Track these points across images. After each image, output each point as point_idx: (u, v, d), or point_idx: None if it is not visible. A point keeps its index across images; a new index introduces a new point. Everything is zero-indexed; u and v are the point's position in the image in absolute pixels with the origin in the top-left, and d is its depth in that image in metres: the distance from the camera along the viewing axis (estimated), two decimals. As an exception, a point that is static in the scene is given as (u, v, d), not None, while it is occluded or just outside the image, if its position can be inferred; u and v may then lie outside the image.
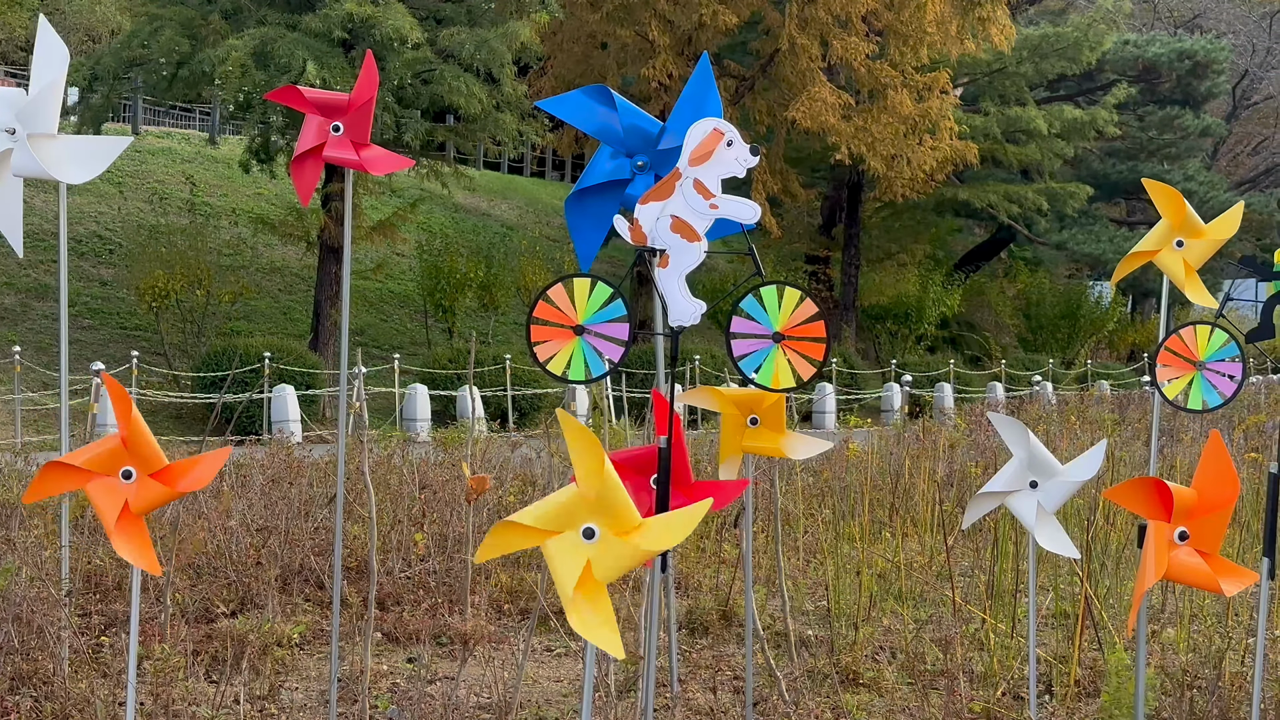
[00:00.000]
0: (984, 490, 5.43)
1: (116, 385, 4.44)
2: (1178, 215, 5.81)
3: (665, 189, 4.18)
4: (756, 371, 4.26)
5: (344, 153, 5.37)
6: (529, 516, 3.64)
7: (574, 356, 4.19)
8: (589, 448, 3.59)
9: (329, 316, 25.62)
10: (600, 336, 4.20)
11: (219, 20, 23.24)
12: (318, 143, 5.36)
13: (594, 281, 4.20)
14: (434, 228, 34.60)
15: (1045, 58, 34.92)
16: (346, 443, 6.57)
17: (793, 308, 4.27)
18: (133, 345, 24.39)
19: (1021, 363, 37.15)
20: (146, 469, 4.33)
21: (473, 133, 26.32)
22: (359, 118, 5.43)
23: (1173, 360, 5.53)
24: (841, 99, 28.72)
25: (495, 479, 10.62)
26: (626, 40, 28.48)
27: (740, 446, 5.54)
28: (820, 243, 37.59)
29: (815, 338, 4.28)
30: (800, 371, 4.26)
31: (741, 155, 4.12)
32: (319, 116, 5.41)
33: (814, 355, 4.26)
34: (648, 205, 4.17)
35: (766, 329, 4.24)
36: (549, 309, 4.20)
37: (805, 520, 10.98)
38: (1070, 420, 15.75)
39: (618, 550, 3.50)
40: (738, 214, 4.17)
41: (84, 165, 6.13)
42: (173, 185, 32.48)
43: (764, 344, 4.28)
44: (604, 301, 4.19)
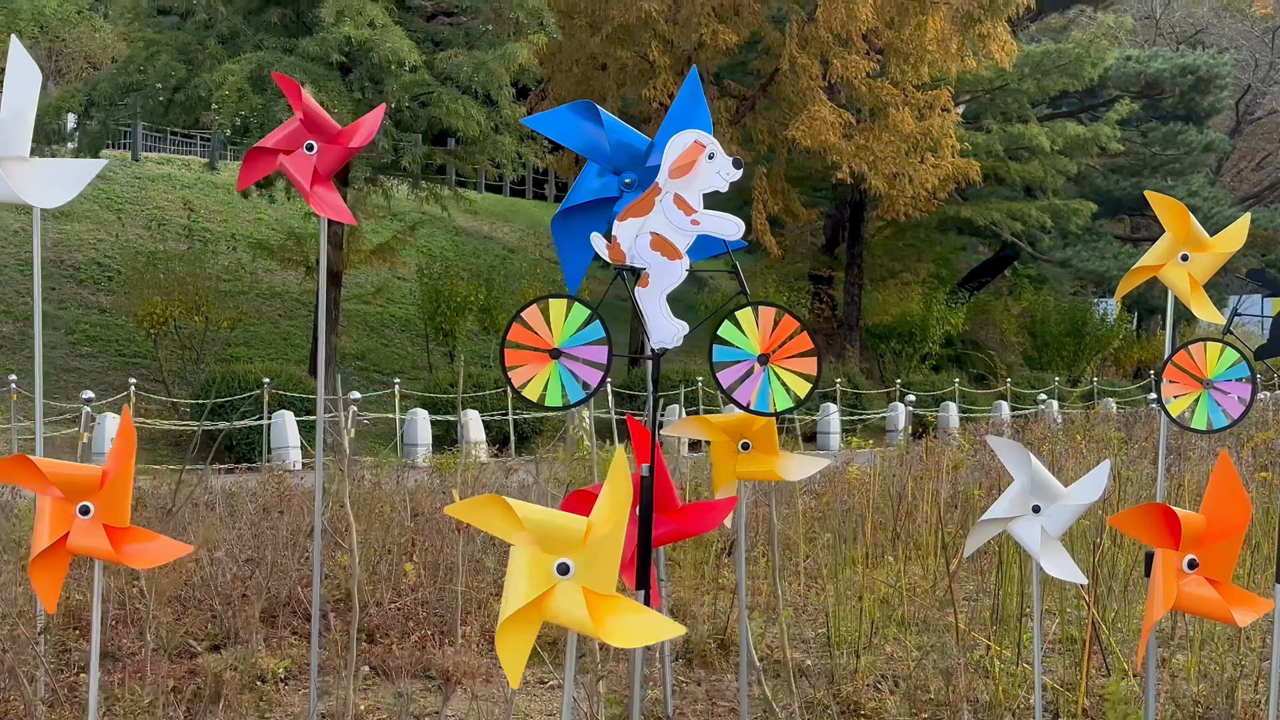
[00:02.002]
0: (986, 517, 5.23)
1: (129, 425, 4.24)
2: (1182, 228, 5.62)
3: (644, 205, 4.00)
4: (752, 398, 4.06)
5: (301, 173, 5.20)
6: (525, 510, 3.50)
7: (550, 381, 4.00)
8: (624, 495, 3.44)
9: (329, 342, 25.45)
10: (577, 360, 4.00)
11: (215, 45, 23.13)
12: (288, 147, 5.19)
13: (571, 302, 4.01)
14: (434, 251, 34.44)
15: (1047, 74, 34.76)
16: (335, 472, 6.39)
17: (771, 326, 4.07)
18: (132, 373, 24.22)
19: (1027, 381, 36.90)
20: (107, 516, 4.13)
21: (472, 155, 26.18)
22: (336, 155, 5.27)
23: (1180, 377, 5.33)
24: (842, 118, 28.57)
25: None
26: (626, 61, 28.35)
27: (734, 473, 5.35)
28: (823, 262, 37.40)
29: (803, 353, 4.09)
30: (795, 390, 4.06)
31: (724, 168, 3.93)
32: (301, 127, 5.24)
33: (807, 370, 4.06)
34: (626, 222, 3.98)
35: (748, 353, 4.05)
36: (524, 332, 4.01)
37: (806, 545, 10.76)
38: (1076, 439, 15.52)
39: (576, 605, 3.33)
40: (721, 230, 3.97)
41: (56, 189, 5.97)
42: (172, 211, 32.37)
43: (750, 367, 4.08)
44: (581, 323, 4.00)
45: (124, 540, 4.12)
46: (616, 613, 3.32)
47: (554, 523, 3.49)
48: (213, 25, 23.56)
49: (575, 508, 4.34)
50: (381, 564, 8.59)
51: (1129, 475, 12.95)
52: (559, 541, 3.42)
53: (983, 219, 36.68)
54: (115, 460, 4.14)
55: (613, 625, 3.30)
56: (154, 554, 4.14)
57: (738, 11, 27.89)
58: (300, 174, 5.20)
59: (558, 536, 3.44)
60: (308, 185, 5.17)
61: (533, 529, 3.50)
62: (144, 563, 4.13)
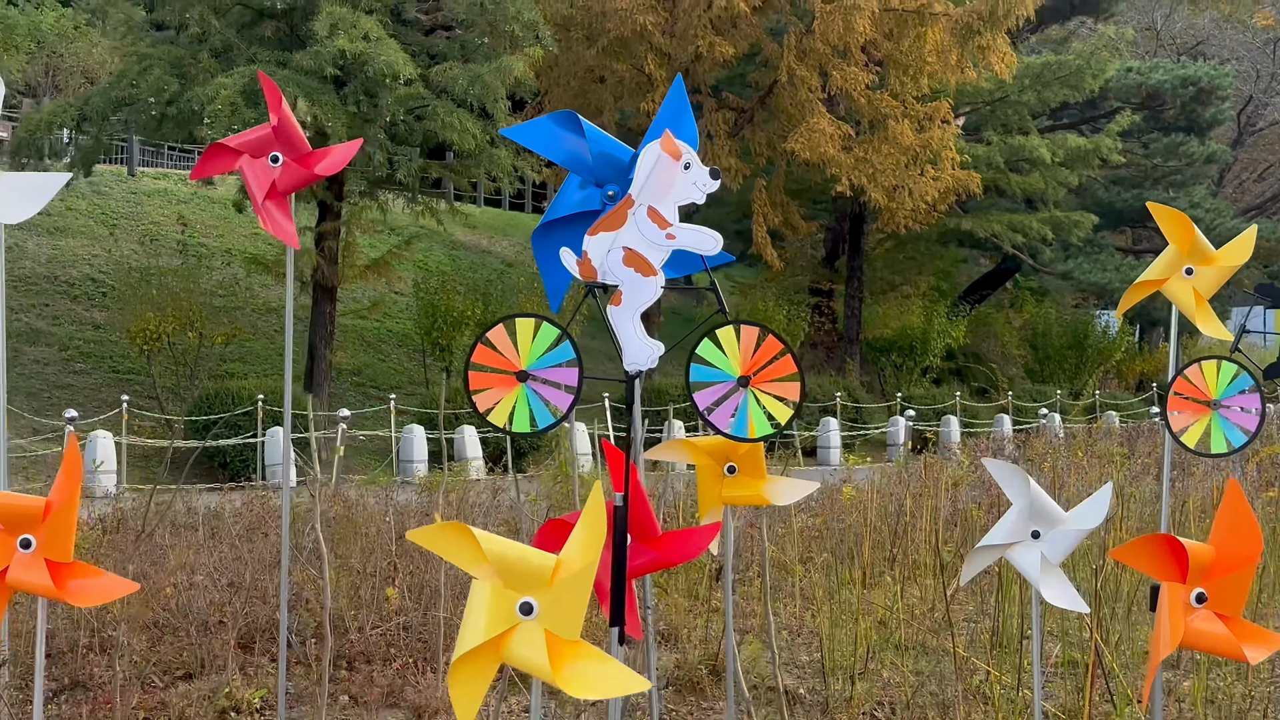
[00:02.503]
0: (983, 543, 5.00)
1: (75, 456, 4.01)
2: (1186, 241, 5.39)
3: (616, 218, 3.76)
4: (731, 421, 3.82)
5: (259, 182, 4.98)
6: (489, 542, 3.28)
7: (518, 405, 3.77)
8: (598, 533, 3.22)
9: (324, 358, 25.26)
10: (546, 383, 3.77)
11: (208, 59, 22.95)
12: (252, 151, 4.97)
13: (539, 322, 3.78)
14: (431, 265, 34.24)
15: (1048, 86, 34.54)
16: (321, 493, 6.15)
17: (754, 347, 3.82)
18: (125, 389, 24.02)
19: (1029, 394, 36.65)
20: (49, 551, 3.89)
21: (468, 169, 25.98)
22: (299, 175, 5.05)
23: (1184, 405, 5.09)
24: (841, 130, 28.36)
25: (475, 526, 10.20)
26: (623, 74, 28.17)
27: (720, 498, 5.12)
28: (823, 275, 37.17)
29: (786, 376, 3.85)
30: (776, 415, 3.82)
31: (700, 179, 3.69)
32: (272, 135, 5.03)
33: (788, 395, 3.82)
34: (597, 236, 3.75)
35: (728, 374, 3.81)
36: (489, 353, 3.78)
37: (800, 565, 10.52)
38: (1077, 455, 15.28)
39: (536, 648, 3.10)
40: (697, 245, 3.74)
41: (18, 203, 5.75)
42: (167, 226, 32.18)
43: (729, 389, 3.84)
44: (550, 344, 3.77)
45: (67, 576, 3.88)
46: (578, 659, 3.09)
47: (520, 558, 3.27)
48: (206, 39, 23.37)
49: (550, 539, 4.11)
50: (364, 587, 8.36)
51: (1132, 492, 12.72)
52: (524, 578, 3.20)
53: (984, 231, 36.44)
54: (59, 492, 3.91)
55: (573, 673, 3.07)
56: (98, 591, 3.89)
57: (735, 24, 27.71)
58: (257, 183, 4.98)
59: (523, 572, 3.21)
60: (261, 197, 4.95)
61: (497, 562, 3.28)
62: (87, 600, 3.89)
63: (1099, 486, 12.08)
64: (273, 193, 4.97)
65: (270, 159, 4.98)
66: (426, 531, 3.44)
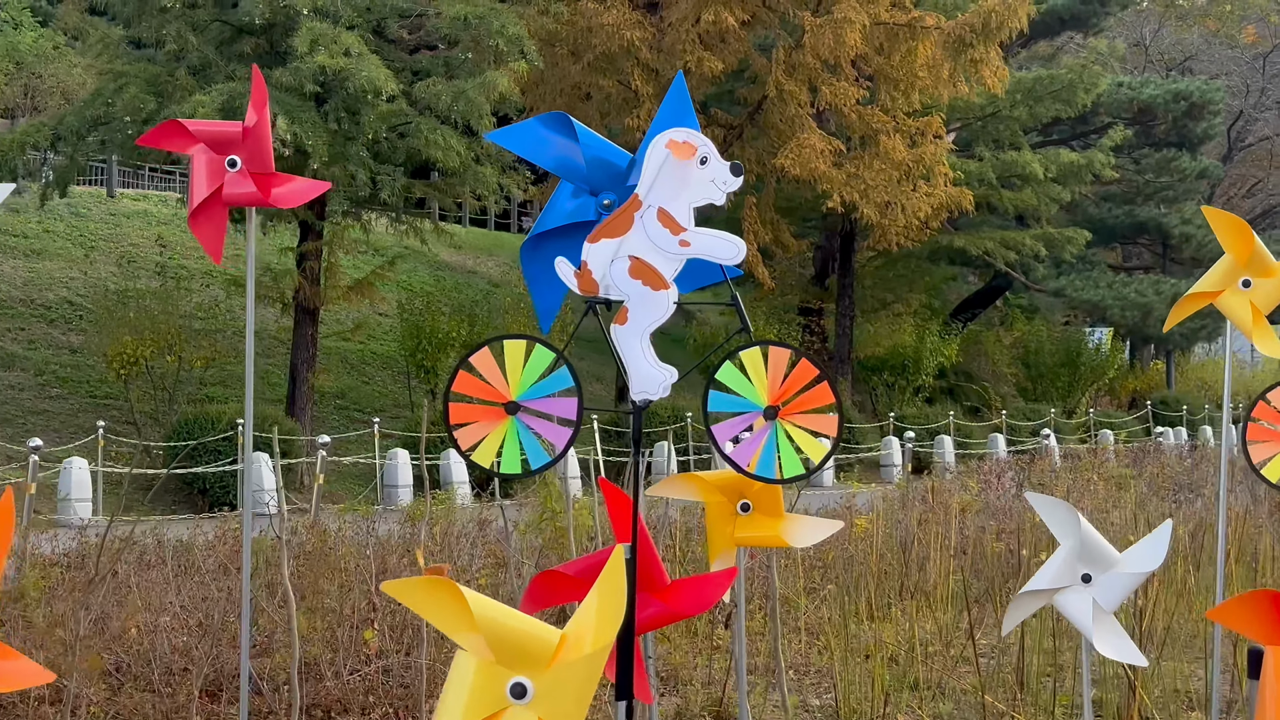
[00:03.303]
0: (1028, 588, 4.47)
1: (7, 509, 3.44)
2: (1244, 250, 4.87)
3: (621, 223, 3.22)
4: (756, 459, 3.26)
5: (246, 189, 4.43)
6: (481, 606, 2.74)
7: (506, 442, 3.21)
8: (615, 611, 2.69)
9: (306, 380, 24.70)
10: (540, 416, 3.22)
11: (186, 76, 22.42)
12: (214, 186, 4.42)
13: (531, 344, 3.23)
14: (416, 286, 33.71)
15: (1039, 100, 34.13)
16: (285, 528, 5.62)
17: (784, 373, 3.27)
18: (103, 414, 23.42)
19: (1022, 413, 36.21)
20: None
21: (452, 187, 25.49)
22: (257, 145, 4.50)
23: (1268, 435, 4.55)
24: (832, 145, 27.89)
25: (462, 560, 9.67)
26: (610, 90, 27.71)
27: (732, 539, 4.56)
28: (813, 294, 36.69)
29: (822, 407, 3.30)
30: (809, 452, 3.27)
31: (720, 175, 3.16)
32: (210, 154, 4.48)
33: (824, 429, 3.28)
34: (599, 244, 3.21)
35: (753, 403, 3.26)
36: (473, 382, 3.23)
37: (806, 598, 9.99)
38: (1091, 477, 14.78)
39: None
40: (715, 252, 3.20)
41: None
42: (146, 248, 31.59)
43: (754, 421, 3.30)
44: (545, 370, 3.22)
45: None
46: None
47: (517, 629, 2.73)
48: (183, 56, 22.85)
49: (541, 594, 3.58)
50: (341, 629, 7.80)
51: (1142, 515, 12.22)
52: (520, 654, 2.66)
53: (976, 248, 36.02)
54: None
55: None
56: (10, 676, 3.32)
57: (723, 39, 27.25)
58: (203, 180, 4.43)
59: (519, 647, 2.68)
60: (202, 196, 4.40)
61: (489, 632, 2.74)
62: (1, 686, 3.30)
63: (1112, 511, 11.54)
64: (215, 199, 4.44)
65: (228, 162, 4.45)
66: (406, 585, 2.92)
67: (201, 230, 4.47)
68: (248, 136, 4.62)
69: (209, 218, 4.44)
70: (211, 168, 4.41)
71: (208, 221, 4.44)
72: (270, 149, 4.60)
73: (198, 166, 4.42)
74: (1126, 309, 37.97)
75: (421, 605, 2.90)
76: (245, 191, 4.42)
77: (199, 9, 22.86)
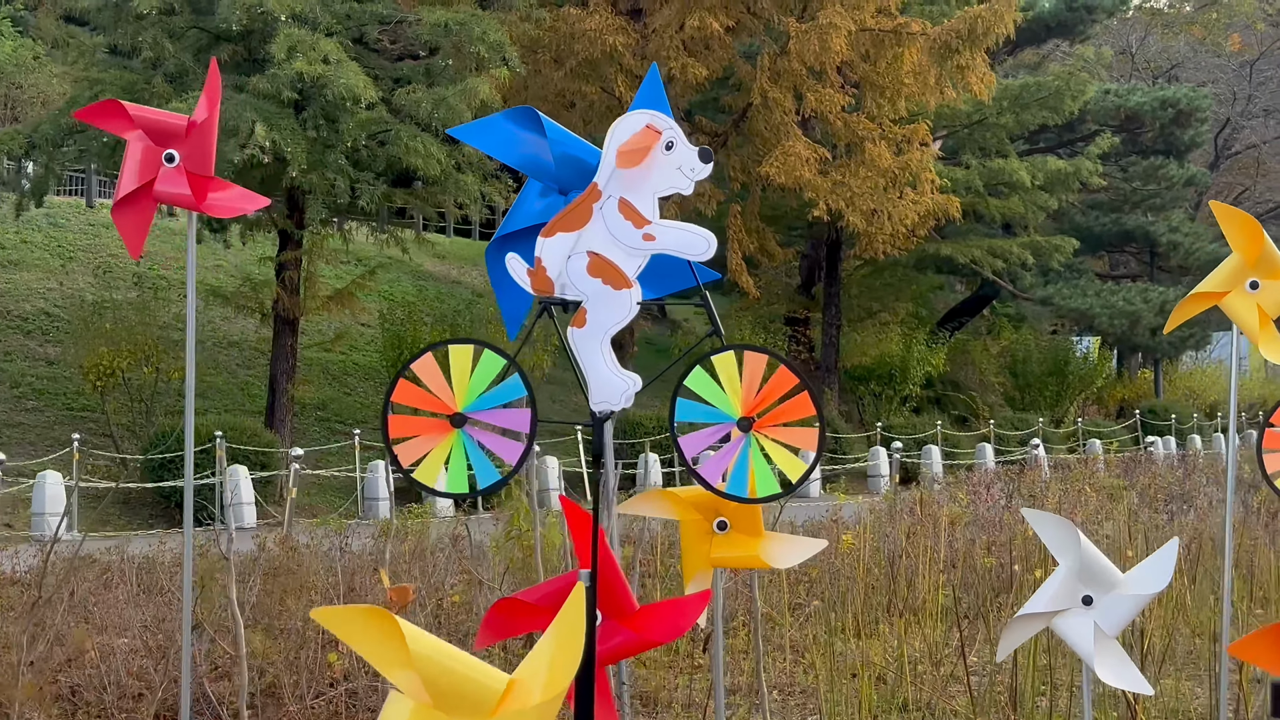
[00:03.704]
0: (1025, 610, 4.17)
1: None
2: (1252, 250, 4.58)
3: (579, 214, 2.92)
4: (724, 478, 2.95)
5: (179, 189, 4.11)
6: (419, 644, 2.44)
7: (452, 458, 2.89)
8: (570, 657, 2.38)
9: (285, 392, 24.35)
10: (490, 429, 2.91)
11: (162, 83, 22.10)
12: (146, 179, 4.10)
13: (480, 350, 2.91)
14: (397, 296, 33.40)
15: (1026, 108, 33.92)
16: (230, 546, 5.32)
17: (760, 380, 2.95)
18: (80, 427, 23.07)
19: (1010, 422, 35.96)
20: None
21: (433, 195, 25.17)
22: (200, 143, 4.19)
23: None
24: (818, 153, 27.63)
25: (436, 577, 9.36)
26: (593, 97, 27.43)
27: (708, 559, 4.24)
28: (799, 303, 36.45)
29: (801, 420, 2.99)
30: (786, 469, 2.95)
31: (687, 162, 2.85)
32: (148, 142, 4.16)
33: (803, 444, 2.97)
34: (554, 238, 2.91)
35: (726, 414, 2.95)
36: (415, 392, 2.92)
37: (791, 614, 9.69)
38: (1083, 488, 14.49)
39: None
40: (683, 247, 2.89)
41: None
42: (125, 258, 31.19)
43: (725, 433, 2.99)
44: (494, 378, 2.91)
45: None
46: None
47: (458, 672, 2.42)
48: (160, 64, 22.53)
49: (501, 624, 3.27)
50: (306, 650, 7.48)
51: (1137, 527, 11.95)
52: (458, 700, 2.36)
53: (963, 256, 35.78)
54: None
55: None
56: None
57: (708, 45, 26.99)
58: (136, 169, 4.12)
59: (458, 692, 2.37)
60: (131, 187, 4.08)
61: (425, 673, 2.42)
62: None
63: (1105, 523, 11.25)
64: (145, 192, 4.12)
65: (166, 156, 4.14)
66: (338, 614, 2.61)
67: (124, 222, 4.16)
68: (191, 132, 4.33)
69: (135, 211, 4.14)
70: (146, 158, 4.10)
71: (133, 214, 4.13)
72: (213, 149, 4.30)
73: (131, 154, 4.12)
74: (1114, 317, 37.77)
75: (354, 637, 2.59)
76: (178, 192, 4.11)
77: (176, 16, 22.54)
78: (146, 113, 4.26)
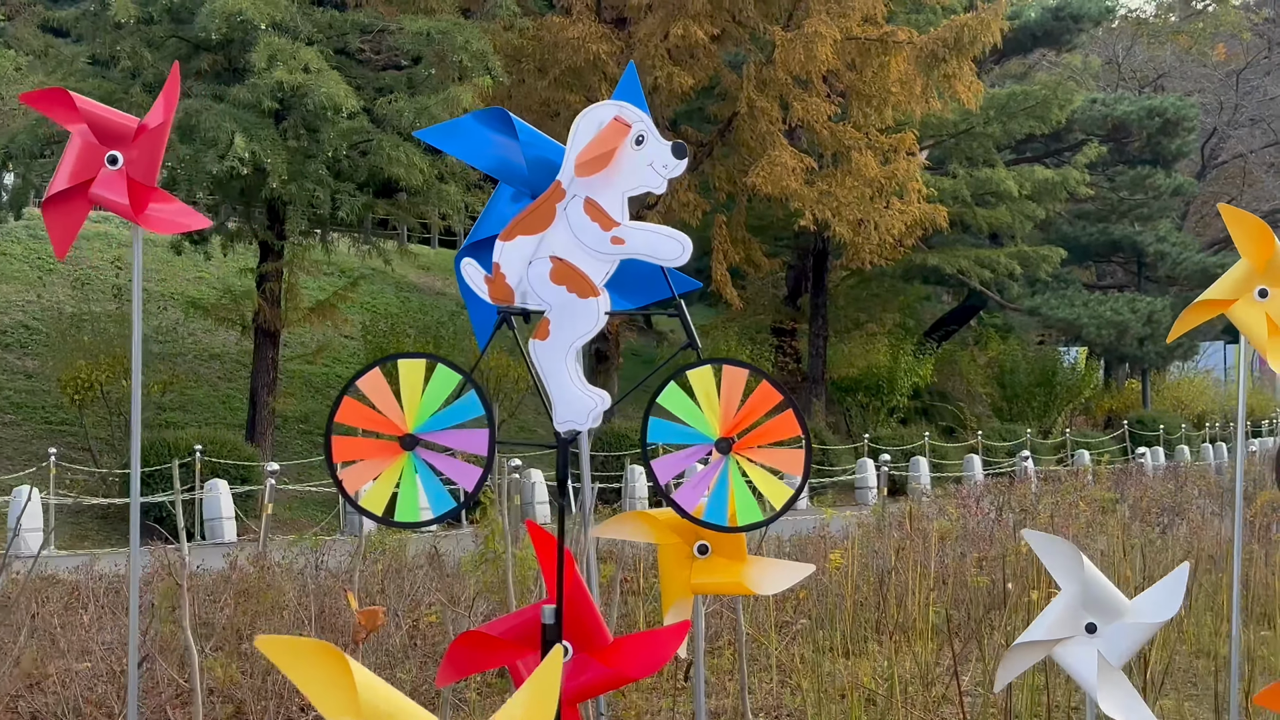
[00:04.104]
0: (1025, 638, 3.92)
1: None
2: (1262, 256, 4.34)
3: (539, 216, 2.66)
4: (704, 501, 2.69)
5: (117, 195, 3.84)
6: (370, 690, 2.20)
7: (402, 484, 2.63)
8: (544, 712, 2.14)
9: (266, 405, 24.07)
10: (443, 452, 2.65)
11: (141, 93, 21.81)
12: (83, 178, 3.84)
13: (432, 365, 2.65)
14: (380, 308, 33.13)
15: (1013, 117, 33.72)
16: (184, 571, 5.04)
17: (740, 397, 2.68)
18: (58, 441, 22.77)
19: (998, 433, 35.75)
20: None
21: (416, 206, 24.94)
22: (148, 149, 3.92)
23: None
24: (804, 163, 27.42)
25: (415, 594, 9.10)
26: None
27: (688, 585, 3.98)
28: (785, 314, 36.23)
29: (786, 440, 2.73)
30: (769, 495, 2.69)
31: (659, 157, 2.59)
32: (91, 139, 3.90)
33: (787, 467, 2.71)
34: (513, 241, 2.65)
35: (702, 434, 2.68)
36: (361, 410, 2.65)
37: (777, 632, 9.43)
38: (1074, 501, 14.26)
39: None
40: (655, 250, 2.63)
41: None
42: (105, 270, 30.92)
43: (702, 455, 2.73)
44: (449, 396, 2.65)
45: None
46: None
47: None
48: (139, 73, 22.26)
49: (464, 659, 3.01)
50: (272, 676, 7.21)
51: (1133, 542, 11.71)
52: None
53: (950, 267, 35.59)
54: None
55: None
56: None
57: (693, 54, 26.77)
58: (75, 166, 3.84)
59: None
60: (67, 184, 3.81)
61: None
62: None
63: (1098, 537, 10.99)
64: (81, 191, 3.85)
65: (109, 157, 3.87)
66: (285, 645, 2.35)
67: (54, 221, 3.90)
68: (140, 136, 4.06)
69: (67, 210, 3.88)
70: (88, 155, 3.84)
71: (65, 213, 3.87)
72: (160, 158, 4.04)
73: (72, 148, 3.86)
74: (1102, 327, 37.60)
75: (300, 673, 2.34)
76: (115, 198, 3.85)
77: (155, 25, 22.30)
78: (95, 107, 4.00)
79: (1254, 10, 54.99)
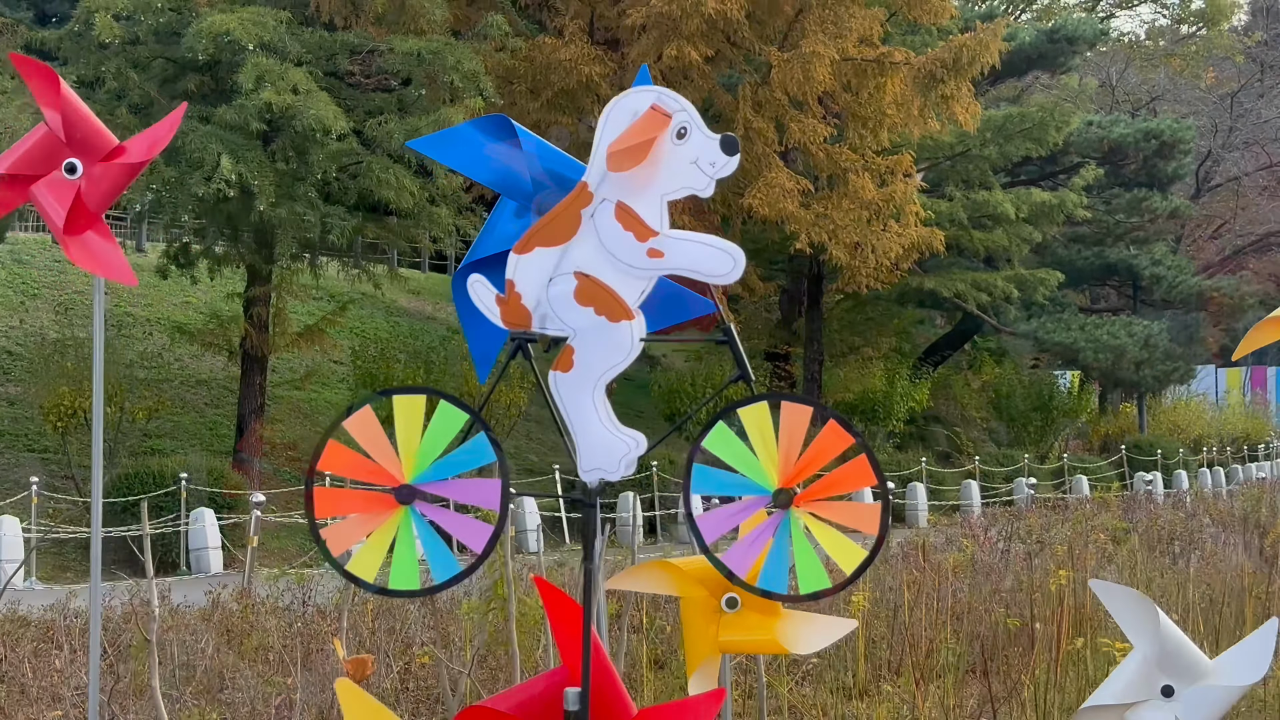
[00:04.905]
0: (1094, 702, 3.50)
1: None
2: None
3: (562, 224, 2.25)
4: (758, 564, 2.25)
5: (58, 204, 3.41)
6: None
7: (399, 542, 2.19)
8: None
9: (254, 431, 23.63)
10: (447, 506, 2.22)
11: (126, 114, 21.40)
12: (31, 170, 3.41)
13: (434, 402, 2.22)
14: (369, 333, 32.70)
15: (1010, 139, 33.40)
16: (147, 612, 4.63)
17: (802, 441, 2.24)
18: (42, 469, 22.30)
19: (995, 458, 35.37)
20: None
21: (406, 229, 24.55)
22: (113, 177, 3.49)
23: None
24: (800, 185, 27.06)
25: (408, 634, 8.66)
26: (570, 129, 26.84)
27: (715, 643, 3.53)
28: (780, 338, 35.88)
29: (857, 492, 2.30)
30: (840, 557, 2.25)
31: (705, 154, 2.19)
32: (59, 136, 3.48)
33: (861, 525, 2.27)
34: (531, 254, 2.23)
35: (758, 484, 2.24)
36: (349, 457, 2.22)
37: (787, 673, 8.99)
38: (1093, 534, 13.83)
39: None
40: (701, 265, 2.22)
41: None
42: (89, 295, 30.43)
43: (757, 509, 2.30)
44: (453, 439, 2.21)
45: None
46: None
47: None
48: (125, 94, 21.87)
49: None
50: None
51: (1151, 576, 11.30)
52: None
53: (947, 290, 35.23)
54: None
55: None
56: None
57: (687, 75, 26.41)
58: (54, 206, 3.41)
59: None
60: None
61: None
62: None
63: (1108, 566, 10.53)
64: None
65: (67, 165, 3.45)
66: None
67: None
68: (114, 158, 3.64)
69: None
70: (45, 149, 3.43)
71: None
72: (120, 190, 3.61)
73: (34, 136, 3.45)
74: (1099, 351, 37.28)
75: None
76: (54, 208, 3.44)
77: (140, 46, 21.94)
78: (80, 106, 3.58)
79: (1246, 34, 54.86)
